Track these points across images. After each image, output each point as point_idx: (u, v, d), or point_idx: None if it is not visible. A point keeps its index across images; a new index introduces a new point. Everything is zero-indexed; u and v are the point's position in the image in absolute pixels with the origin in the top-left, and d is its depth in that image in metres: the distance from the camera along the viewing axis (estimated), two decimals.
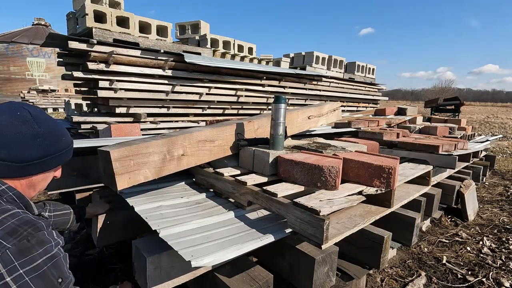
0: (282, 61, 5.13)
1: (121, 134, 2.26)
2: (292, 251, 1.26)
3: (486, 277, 1.74)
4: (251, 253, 1.27)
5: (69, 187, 1.65)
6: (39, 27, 19.05)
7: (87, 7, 2.61)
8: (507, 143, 7.10)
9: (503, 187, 3.50)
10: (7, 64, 16.51)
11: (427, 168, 1.90)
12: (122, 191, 1.46)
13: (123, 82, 2.80)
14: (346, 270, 1.50)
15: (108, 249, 1.94)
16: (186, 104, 3.38)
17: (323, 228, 1.02)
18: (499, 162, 4.75)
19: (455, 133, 3.33)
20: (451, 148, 2.22)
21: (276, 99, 1.54)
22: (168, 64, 3.03)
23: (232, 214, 1.33)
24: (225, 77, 3.57)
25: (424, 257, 1.95)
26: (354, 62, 6.13)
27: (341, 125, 2.94)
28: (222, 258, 0.99)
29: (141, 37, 3.03)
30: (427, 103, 11.58)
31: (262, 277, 1.14)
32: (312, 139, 2.28)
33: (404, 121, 3.90)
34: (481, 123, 12.66)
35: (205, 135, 1.53)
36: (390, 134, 2.49)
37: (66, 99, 5.32)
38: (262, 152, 1.54)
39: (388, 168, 1.37)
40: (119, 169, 1.18)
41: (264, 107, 4.24)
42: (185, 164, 1.45)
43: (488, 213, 2.70)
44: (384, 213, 1.44)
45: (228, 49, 4.11)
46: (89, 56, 2.54)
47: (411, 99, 79.17)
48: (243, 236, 1.13)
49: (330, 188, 1.31)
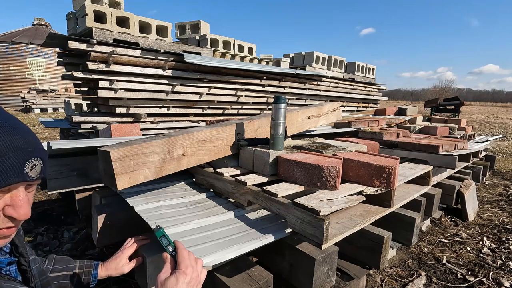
0: (282, 61, 5.13)
1: (121, 134, 2.26)
2: (292, 251, 1.26)
3: (486, 277, 1.74)
4: (251, 253, 1.27)
5: (69, 187, 1.65)
6: (39, 27, 19.04)
7: (87, 7, 2.61)
8: (507, 143, 7.10)
9: (503, 187, 3.50)
10: (7, 64, 16.51)
11: (427, 168, 1.90)
12: (122, 191, 1.46)
13: (123, 82, 2.80)
14: (346, 270, 1.50)
15: (108, 249, 1.94)
16: (186, 104, 3.38)
17: (323, 228, 1.02)
18: (499, 162, 4.75)
19: (455, 133, 3.33)
20: (451, 148, 2.22)
21: (276, 99, 1.54)
22: (168, 64, 3.03)
23: (232, 214, 1.33)
24: (225, 77, 3.57)
25: (424, 257, 1.95)
26: (354, 62, 6.13)
27: (341, 125, 2.94)
28: (222, 258, 0.99)
29: (141, 37, 3.03)
30: (427, 103, 11.57)
31: (262, 277, 1.14)
32: (312, 139, 2.28)
33: (404, 121, 3.90)
34: (481, 123, 12.66)
35: (205, 135, 1.53)
36: (390, 134, 2.49)
37: (66, 99, 5.32)
38: (262, 152, 1.54)
39: (388, 168, 1.37)
40: (119, 169, 1.18)
41: (264, 107, 4.24)
42: (185, 164, 1.45)
43: (488, 213, 2.70)
44: (384, 213, 1.44)
45: (228, 49, 4.11)
46: (89, 56, 2.54)
47: (411, 99, 79.16)
48: (243, 236, 1.13)
49: (330, 188, 1.31)
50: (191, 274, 0.76)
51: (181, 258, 0.79)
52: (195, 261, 0.81)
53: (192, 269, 0.77)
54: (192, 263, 0.79)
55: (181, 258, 0.79)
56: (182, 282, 0.74)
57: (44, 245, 2.07)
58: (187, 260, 0.79)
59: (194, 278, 0.77)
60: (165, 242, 0.83)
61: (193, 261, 0.80)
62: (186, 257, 0.79)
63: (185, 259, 0.78)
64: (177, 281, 0.73)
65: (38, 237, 2.17)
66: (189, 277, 0.75)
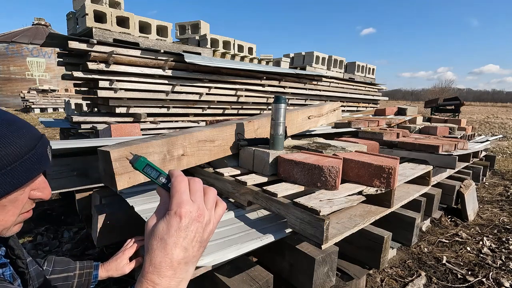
0: (282, 61, 5.13)
1: (121, 134, 2.26)
2: (292, 251, 1.26)
3: (486, 277, 1.74)
4: (251, 253, 1.27)
5: (69, 187, 1.65)
6: (39, 27, 19.06)
7: (87, 7, 2.61)
8: (507, 143, 7.10)
9: (503, 187, 3.50)
10: (7, 64, 16.52)
11: (427, 168, 1.90)
12: (122, 191, 1.46)
13: (123, 82, 2.80)
14: (346, 270, 1.50)
15: (108, 249, 1.94)
16: (186, 104, 3.38)
17: (323, 228, 1.02)
18: (499, 162, 4.75)
19: (455, 133, 3.33)
20: (451, 148, 2.22)
21: (276, 99, 1.54)
22: (168, 64, 3.03)
23: (232, 214, 1.33)
24: (225, 77, 3.57)
25: (424, 257, 1.95)
26: (354, 62, 6.13)
27: (341, 125, 2.94)
28: (222, 258, 0.99)
29: (141, 37, 3.03)
30: (427, 103, 11.57)
31: (262, 277, 1.14)
32: (312, 139, 2.28)
33: (404, 121, 3.90)
34: (481, 123, 12.66)
35: (205, 135, 1.53)
36: (390, 134, 2.49)
37: (66, 99, 5.32)
38: (262, 152, 1.55)
39: (388, 168, 1.37)
40: (119, 169, 1.18)
41: (264, 107, 4.24)
42: (185, 164, 1.45)
43: (488, 213, 2.70)
44: (384, 213, 1.44)
45: (228, 49, 4.11)
46: (89, 56, 2.54)
47: (411, 99, 79.16)
48: (243, 236, 1.13)
49: (330, 188, 1.31)
50: (189, 215, 0.49)
51: (174, 191, 0.51)
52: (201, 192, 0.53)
53: (192, 206, 0.50)
54: (194, 197, 0.52)
55: (174, 191, 0.51)
56: (176, 229, 0.48)
57: (44, 245, 2.07)
58: (183, 195, 0.51)
59: (194, 220, 0.50)
60: (154, 174, 0.56)
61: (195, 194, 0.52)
62: (182, 189, 0.51)
63: (180, 193, 0.51)
64: (168, 229, 0.49)
65: (38, 237, 2.17)
66: (187, 219, 0.49)
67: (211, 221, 0.53)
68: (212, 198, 0.54)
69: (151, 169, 0.56)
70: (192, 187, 0.53)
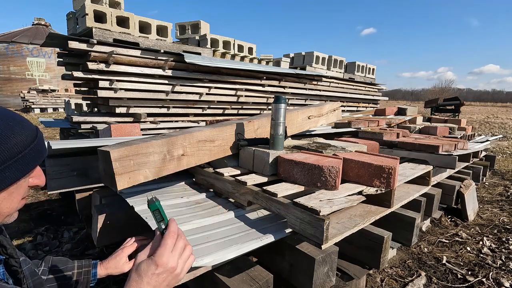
0: (282, 61, 5.13)
1: (121, 134, 2.26)
2: (292, 251, 1.26)
3: (486, 277, 1.74)
4: (251, 253, 1.27)
5: (69, 187, 1.65)
6: (39, 27, 19.04)
7: (87, 7, 2.61)
8: (507, 143, 7.10)
9: (503, 187, 3.50)
10: (7, 64, 16.51)
11: (427, 168, 1.90)
12: (122, 191, 1.46)
13: (123, 82, 2.80)
14: (346, 270, 1.50)
15: (108, 249, 1.94)
16: (186, 104, 3.38)
17: (323, 228, 1.02)
18: (499, 162, 4.75)
19: (455, 133, 3.33)
20: (451, 148, 2.22)
21: (276, 99, 1.54)
22: (168, 64, 3.03)
23: (232, 214, 1.33)
24: (225, 77, 3.57)
25: (424, 257, 1.95)
26: (354, 62, 6.13)
27: (341, 125, 2.94)
28: (222, 258, 0.99)
29: (141, 37, 3.03)
30: (427, 103, 11.57)
31: (262, 277, 1.14)
32: (312, 139, 2.28)
33: (404, 121, 3.90)
34: (481, 123, 12.66)
35: (205, 135, 1.53)
36: (390, 134, 2.49)
37: (66, 99, 5.32)
38: (262, 152, 1.54)
39: (388, 168, 1.37)
40: (119, 169, 1.18)
41: (264, 107, 4.24)
42: (185, 164, 1.45)
43: (488, 213, 2.70)
44: (384, 213, 1.44)
45: (228, 49, 4.11)
46: (89, 56, 2.54)
47: (411, 99, 79.15)
48: (243, 236, 1.13)
49: (330, 188, 1.31)
50: (165, 266, 0.65)
51: (163, 242, 0.67)
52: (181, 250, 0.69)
53: (169, 260, 0.66)
54: (174, 252, 0.67)
55: (162, 243, 0.67)
56: (152, 273, 0.64)
57: (44, 245, 2.07)
58: (167, 249, 0.66)
59: (167, 271, 0.66)
60: (159, 217, 0.71)
61: (176, 251, 0.68)
62: (168, 245, 0.67)
63: (165, 247, 0.66)
64: (146, 270, 0.64)
65: (38, 237, 2.17)
66: (161, 268, 0.64)
67: (181, 271, 0.69)
68: (187, 253, 0.71)
69: (159, 214, 0.71)
70: (176, 244, 0.69)
